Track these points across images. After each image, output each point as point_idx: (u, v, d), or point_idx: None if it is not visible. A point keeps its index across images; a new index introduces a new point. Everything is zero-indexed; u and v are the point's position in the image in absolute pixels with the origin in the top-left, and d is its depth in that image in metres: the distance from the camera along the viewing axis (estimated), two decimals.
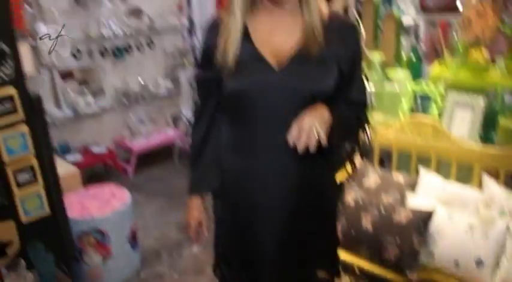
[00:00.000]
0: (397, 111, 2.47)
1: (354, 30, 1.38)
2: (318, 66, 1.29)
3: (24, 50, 1.76)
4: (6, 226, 1.80)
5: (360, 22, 2.74)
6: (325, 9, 1.33)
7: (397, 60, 2.87)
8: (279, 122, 1.29)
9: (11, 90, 1.71)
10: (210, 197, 1.50)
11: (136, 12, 4.05)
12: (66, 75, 3.73)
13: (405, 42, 4.42)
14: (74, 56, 3.70)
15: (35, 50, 3.28)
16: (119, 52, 4.01)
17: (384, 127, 2.39)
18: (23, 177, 1.82)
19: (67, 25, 3.52)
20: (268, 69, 1.29)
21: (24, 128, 1.77)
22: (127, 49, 4.07)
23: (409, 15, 5.57)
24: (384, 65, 2.82)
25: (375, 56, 2.73)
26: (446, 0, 4.22)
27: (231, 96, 1.34)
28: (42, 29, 3.21)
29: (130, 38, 4.05)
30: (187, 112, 4.09)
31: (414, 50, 3.00)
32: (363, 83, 1.44)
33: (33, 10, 3.30)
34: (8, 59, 1.66)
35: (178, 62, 4.37)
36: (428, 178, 2.18)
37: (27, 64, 1.79)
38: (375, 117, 2.59)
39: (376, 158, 2.43)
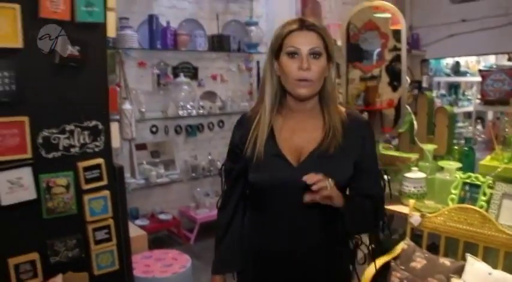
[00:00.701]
0: (447, 199, 2.56)
1: (367, 128, 1.50)
2: (334, 162, 1.39)
3: (114, 127, 2.09)
4: (81, 277, 2.03)
5: (413, 115, 2.90)
6: (342, 109, 1.48)
7: (449, 151, 2.98)
8: (296, 213, 1.39)
9: (100, 161, 2.03)
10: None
11: (210, 96, 4.49)
12: (140, 146, 4.16)
13: (465, 132, 4.51)
14: (152, 131, 4.15)
15: (120, 124, 3.72)
16: (192, 130, 4.41)
17: (433, 213, 2.49)
18: (100, 235, 2.07)
19: (149, 105, 4.00)
20: (286, 165, 1.40)
21: (107, 193, 2.05)
22: (199, 127, 4.47)
23: (472, 106, 5.67)
24: (437, 156, 2.94)
25: (428, 147, 2.86)
26: (507, 93, 4.34)
27: (253, 186, 1.48)
28: (128, 107, 3.67)
29: (203, 118, 4.46)
30: None
31: (468, 141, 3.12)
32: (379, 178, 1.53)
33: (122, 91, 3.80)
34: (102, 135, 2.00)
35: None
36: (474, 265, 2.22)
37: (115, 138, 2.12)
38: (426, 203, 2.69)
39: (424, 241, 2.50)
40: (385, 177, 1.56)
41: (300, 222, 1.40)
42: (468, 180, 2.52)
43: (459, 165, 2.72)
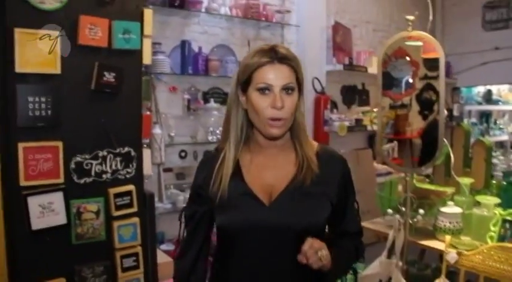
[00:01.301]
0: (484, 236, 2.46)
1: (343, 162, 1.40)
2: (309, 200, 1.29)
3: (146, 154, 2.08)
4: None
5: (450, 148, 2.82)
6: (314, 142, 1.39)
7: (487, 186, 2.88)
8: (270, 257, 1.27)
9: (131, 187, 2.01)
10: None
11: None
12: (166, 169, 4.15)
13: (499, 163, 4.36)
14: (181, 156, 4.15)
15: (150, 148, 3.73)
16: None
17: (471, 251, 2.38)
18: (128, 262, 2.06)
19: (178, 129, 4.00)
20: (258, 205, 1.28)
21: (136, 220, 2.04)
22: None
23: (505, 136, 5.54)
24: (474, 190, 2.84)
25: (464, 181, 2.76)
26: None
27: (221, 231, 1.35)
28: (158, 131, 3.68)
29: None
30: None
31: (507, 175, 3.01)
32: (356, 212, 1.45)
33: (153, 115, 3.81)
34: (134, 162, 1.99)
35: None
36: None
37: (147, 166, 2.10)
38: (462, 239, 2.58)
39: (461, 280, 2.39)
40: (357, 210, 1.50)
41: (271, 268, 1.28)
42: (509, 217, 2.41)
43: (498, 200, 2.61)
